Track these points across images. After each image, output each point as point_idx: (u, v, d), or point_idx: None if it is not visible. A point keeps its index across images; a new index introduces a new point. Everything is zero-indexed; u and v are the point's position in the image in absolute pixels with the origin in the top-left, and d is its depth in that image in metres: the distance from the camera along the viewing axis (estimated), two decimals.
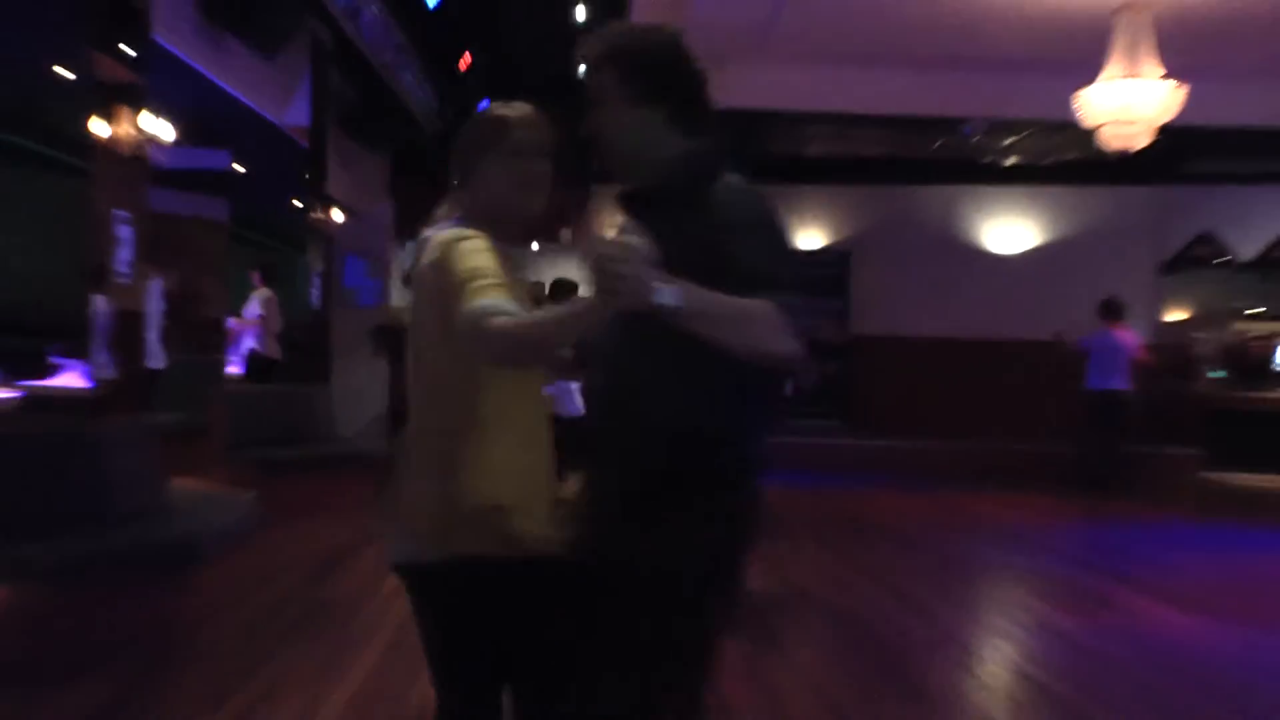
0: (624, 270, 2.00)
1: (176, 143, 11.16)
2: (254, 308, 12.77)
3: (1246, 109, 11.84)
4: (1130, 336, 11.86)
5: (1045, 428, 13.31)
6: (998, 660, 5.66)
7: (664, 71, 2.41)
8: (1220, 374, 14.92)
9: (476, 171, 2.52)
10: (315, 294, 12.99)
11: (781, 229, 2.35)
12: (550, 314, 2.19)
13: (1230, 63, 10.89)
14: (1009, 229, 15.06)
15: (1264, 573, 8.20)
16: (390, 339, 13.72)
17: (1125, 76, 8.87)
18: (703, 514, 2.33)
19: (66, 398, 9.12)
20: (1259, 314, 16.01)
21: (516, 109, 2.57)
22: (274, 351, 12.71)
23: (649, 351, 2.28)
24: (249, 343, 12.91)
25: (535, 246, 16.21)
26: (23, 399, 8.93)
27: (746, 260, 2.19)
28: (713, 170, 2.36)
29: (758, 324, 2.14)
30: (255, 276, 12.93)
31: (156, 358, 10.52)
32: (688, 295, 2.05)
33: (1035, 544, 9.34)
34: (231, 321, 14.03)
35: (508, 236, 2.50)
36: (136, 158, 8.25)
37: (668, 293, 2.02)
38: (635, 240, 2.07)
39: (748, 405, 2.36)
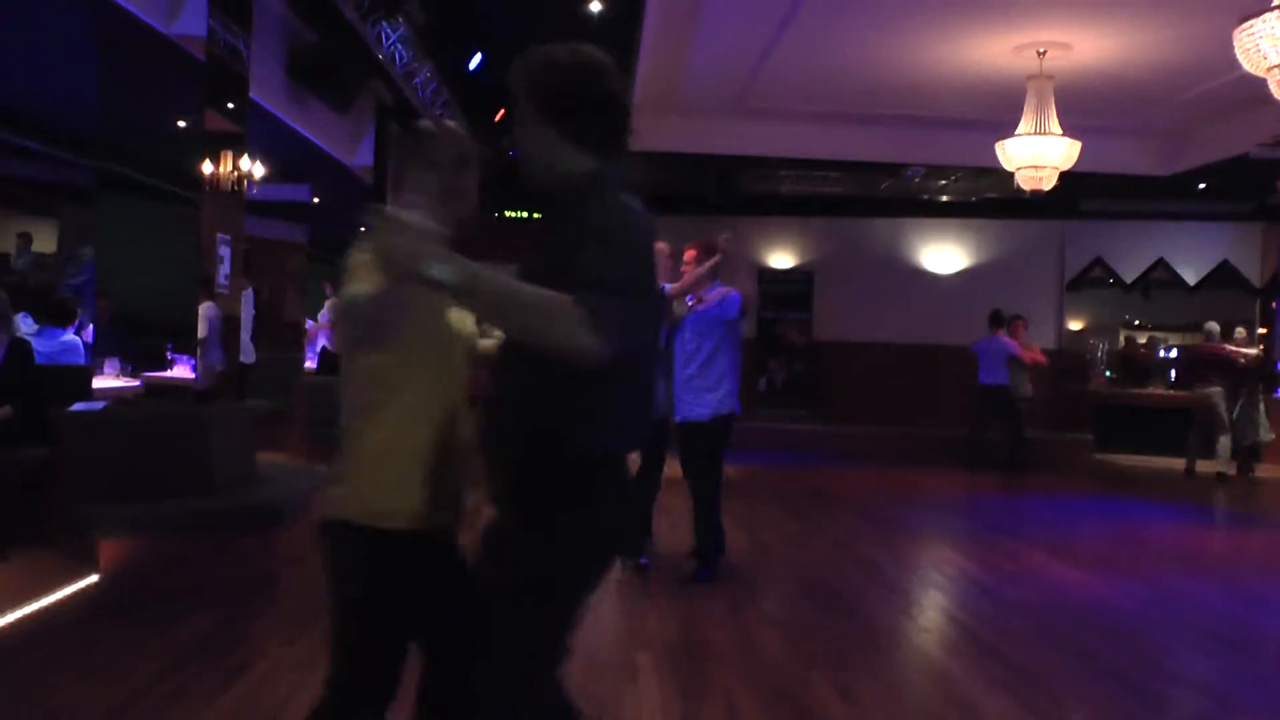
0: (399, 242, 1.79)
1: (266, 179, 11.14)
2: (325, 313, 12.75)
3: (1127, 160, 11.91)
4: (1009, 341, 11.81)
5: (969, 415, 13.29)
6: (933, 607, 5.63)
7: (565, 94, 2.08)
8: (1110, 374, 14.94)
9: (403, 180, 2.28)
10: None
11: (632, 241, 2.01)
12: (369, 292, 1.92)
13: (1115, 124, 10.92)
14: (943, 253, 15.03)
15: (1143, 536, 8.18)
16: None
17: (1035, 132, 8.88)
18: (559, 507, 2.04)
19: (178, 386, 9.11)
20: (1140, 325, 16.02)
21: (441, 126, 2.33)
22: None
23: (517, 356, 2.04)
24: (322, 341, 12.89)
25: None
26: (143, 387, 8.92)
27: (583, 261, 1.90)
28: (600, 187, 2.07)
29: (546, 315, 1.85)
30: (327, 287, 12.90)
31: (249, 354, 10.49)
32: (463, 274, 1.81)
33: (962, 512, 9.33)
34: (309, 324, 14.01)
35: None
36: (235, 192, 8.25)
37: (440, 268, 1.79)
38: (416, 217, 1.89)
39: (604, 404, 2.03)
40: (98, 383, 8.23)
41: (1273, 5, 5.77)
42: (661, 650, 4.46)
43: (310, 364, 13.34)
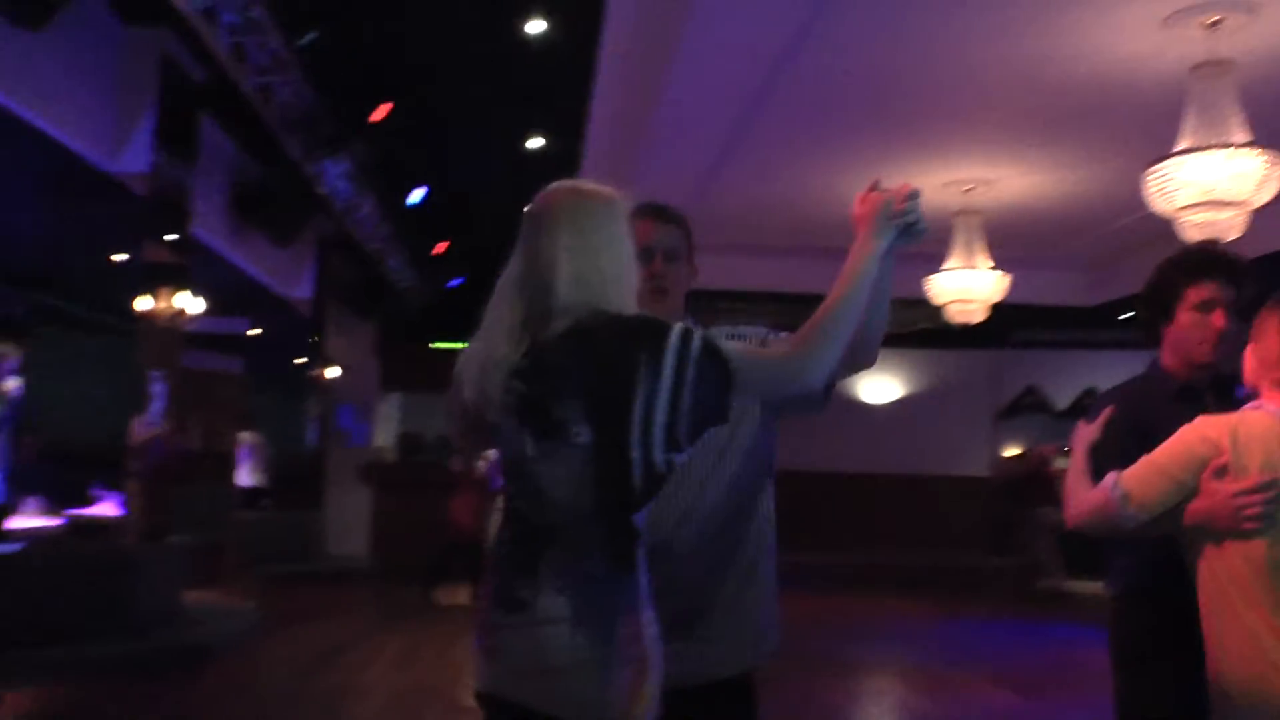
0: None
1: (204, 313, 11.12)
2: (245, 449, 12.66)
3: (1055, 291, 12.29)
4: None
5: (907, 543, 13.34)
6: None
7: None
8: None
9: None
10: (313, 435, 12.83)
11: None
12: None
13: (1041, 256, 11.33)
14: (879, 383, 15.28)
15: (1083, 660, 8.18)
16: (376, 473, 13.54)
17: (964, 266, 9.14)
18: None
19: (102, 524, 8.86)
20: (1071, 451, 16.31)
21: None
22: (257, 481, 12.57)
23: None
24: (243, 480, 12.74)
25: None
26: (67, 525, 8.67)
27: None
28: None
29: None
30: (241, 421, 12.90)
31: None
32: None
33: (900, 640, 9.27)
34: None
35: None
36: (172, 327, 8.20)
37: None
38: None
39: None
40: (16, 522, 8.00)
41: (1177, 150, 6.10)
42: None
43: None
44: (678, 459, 1.74)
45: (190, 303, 8.49)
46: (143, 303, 8.07)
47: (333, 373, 12.97)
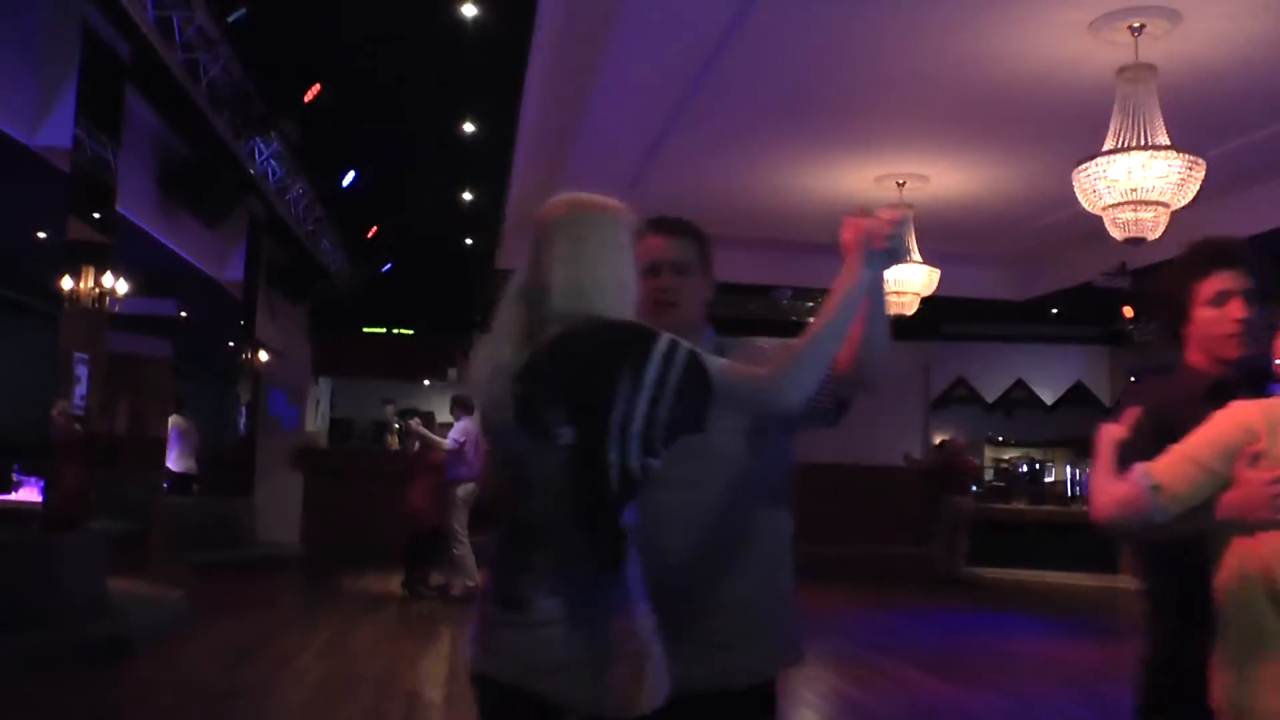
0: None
1: (131, 294, 10.86)
2: (174, 430, 12.41)
3: (985, 285, 12.54)
4: None
5: (839, 533, 13.49)
6: None
7: None
8: (974, 488, 15.42)
9: None
10: (243, 421, 12.64)
11: None
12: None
13: (973, 251, 11.54)
14: None
15: (1010, 649, 8.37)
16: (307, 459, 13.38)
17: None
18: None
19: (23, 511, 8.63)
20: (1004, 442, 16.65)
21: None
22: (187, 467, 12.33)
23: None
24: (170, 464, 12.49)
25: (426, 383, 16.07)
26: None
27: None
28: None
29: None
30: (171, 405, 12.64)
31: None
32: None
33: (832, 628, 9.39)
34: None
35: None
36: (97, 308, 8.00)
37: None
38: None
39: None
40: None
41: (1104, 150, 6.25)
42: None
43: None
44: (654, 464, 1.80)
45: (116, 283, 8.29)
46: (66, 282, 7.86)
47: (263, 357, 12.77)
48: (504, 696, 1.86)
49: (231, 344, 13.48)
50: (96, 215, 7.96)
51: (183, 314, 14.64)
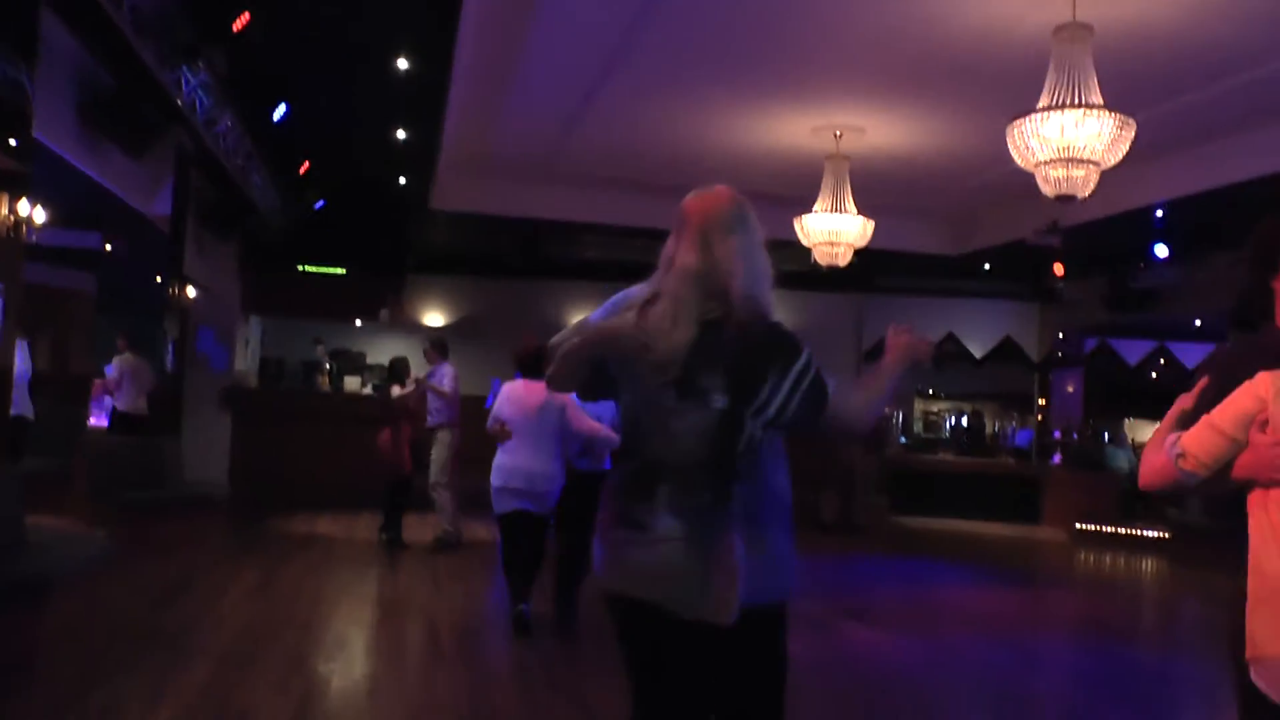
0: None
1: (50, 224, 10.52)
2: (111, 369, 12.08)
3: (919, 240, 12.66)
4: None
5: None
6: None
7: None
8: (904, 440, 15.71)
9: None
10: (170, 359, 12.37)
11: None
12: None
13: (908, 205, 11.63)
14: None
15: (933, 597, 8.59)
16: (236, 399, 13.17)
17: (831, 210, 9.31)
18: None
19: None
20: (934, 395, 16.96)
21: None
22: (137, 409, 12.00)
23: None
24: (113, 401, 12.17)
25: (358, 323, 15.87)
26: None
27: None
28: None
29: None
30: (120, 341, 12.25)
31: (26, 408, 9.81)
32: None
33: None
34: (97, 381, 13.25)
35: None
36: (13, 237, 7.75)
37: None
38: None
39: None
40: None
41: (1039, 107, 6.31)
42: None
43: (97, 422, 12.57)
44: (771, 435, 2.39)
45: (32, 211, 8.03)
46: None
47: (191, 294, 12.49)
48: (631, 609, 2.35)
49: (158, 279, 13.16)
50: (12, 141, 7.68)
51: (107, 246, 14.24)
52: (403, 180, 12.22)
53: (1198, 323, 14.94)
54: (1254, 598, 2.14)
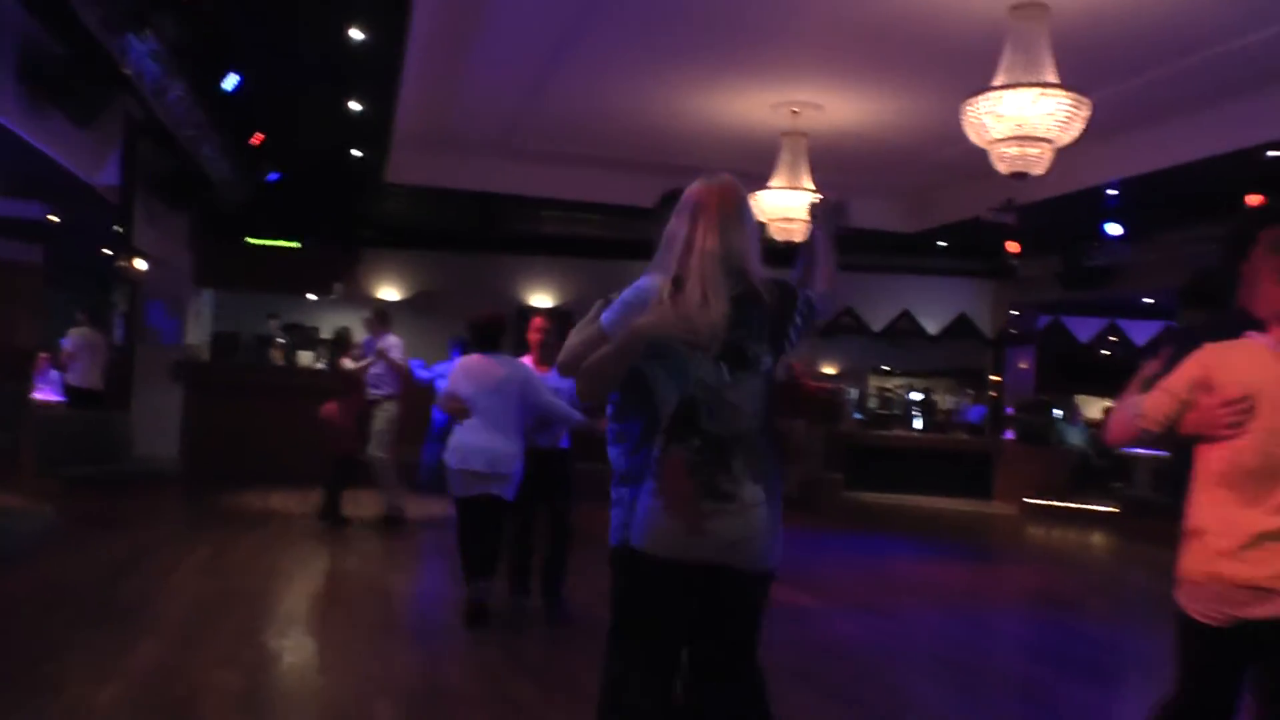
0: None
1: None
2: (67, 341, 11.87)
3: (876, 217, 12.68)
4: None
5: None
6: None
7: None
8: (859, 416, 15.82)
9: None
10: (119, 332, 12.16)
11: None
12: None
13: (864, 182, 11.64)
14: None
15: (886, 570, 8.68)
16: (187, 372, 12.98)
17: (788, 186, 9.31)
18: None
19: None
20: (889, 372, 17.09)
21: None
22: (93, 383, 11.79)
23: None
24: (66, 375, 11.95)
25: (312, 297, 15.66)
26: None
27: None
28: None
29: None
30: (80, 315, 12.04)
31: None
32: None
33: None
34: (42, 355, 13.00)
35: None
36: None
37: None
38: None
39: None
40: None
41: (994, 85, 6.34)
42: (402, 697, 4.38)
43: (44, 396, 12.33)
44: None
45: None
46: None
47: (141, 266, 12.27)
48: (691, 573, 2.56)
49: (107, 251, 12.91)
50: None
51: (52, 217, 13.93)
52: (357, 153, 12.05)
53: (1148, 300, 15.17)
54: (1185, 532, 2.53)
